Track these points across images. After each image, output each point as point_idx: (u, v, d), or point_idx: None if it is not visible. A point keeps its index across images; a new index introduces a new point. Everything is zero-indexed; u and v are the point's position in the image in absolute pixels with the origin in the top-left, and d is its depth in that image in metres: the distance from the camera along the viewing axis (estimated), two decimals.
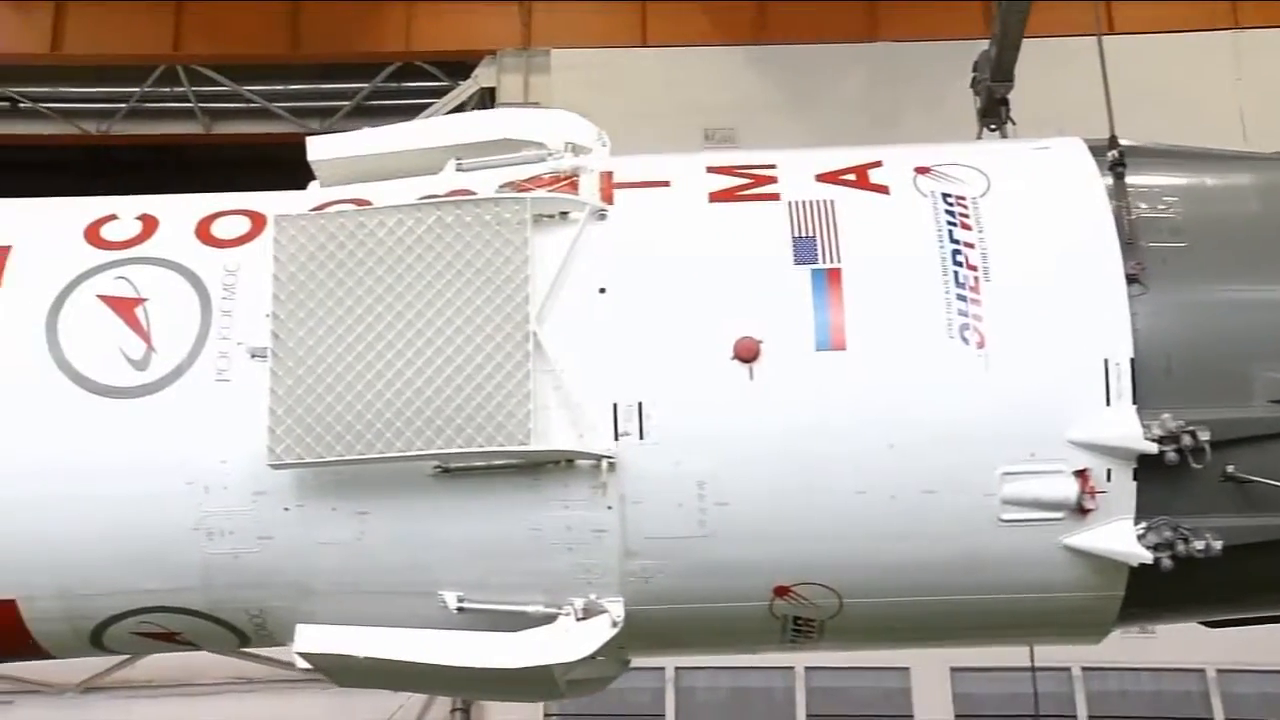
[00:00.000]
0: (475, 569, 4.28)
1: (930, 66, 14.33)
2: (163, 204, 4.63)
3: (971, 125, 13.01)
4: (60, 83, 14.93)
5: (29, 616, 4.34)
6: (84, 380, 4.24)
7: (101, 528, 4.23)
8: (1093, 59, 5.16)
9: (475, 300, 4.17)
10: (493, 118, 4.80)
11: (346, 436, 4.10)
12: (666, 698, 13.11)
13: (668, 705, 13.08)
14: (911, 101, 14.03)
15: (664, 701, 13.08)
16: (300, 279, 4.21)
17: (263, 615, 4.43)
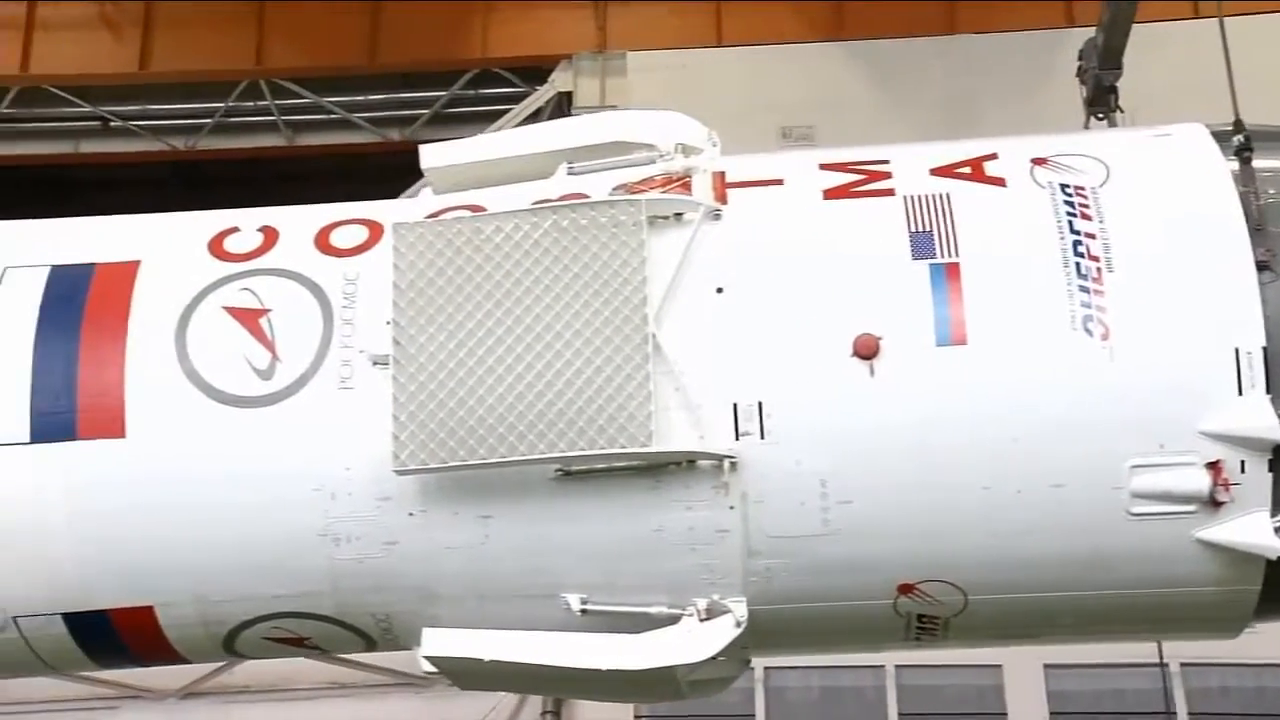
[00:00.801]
0: (598, 571, 4.29)
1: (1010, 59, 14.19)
2: (282, 215, 4.70)
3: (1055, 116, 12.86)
4: (149, 101, 15.19)
5: (166, 622, 4.43)
6: (212, 390, 4.31)
7: (232, 535, 4.30)
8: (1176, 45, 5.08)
9: (593, 303, 4.19)
10: (603, 121, 4.80)
11: (469, 441, 4.13)
12: (756, 698, 13.07)
13: (758, 705, 13.03)
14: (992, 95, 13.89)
15: (754, 701, 13.03)
16: (419, 285, 4.25)
17: (389, 619, 4.47)
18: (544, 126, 4.90)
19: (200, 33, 14.70)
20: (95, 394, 4.29)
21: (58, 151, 15.41)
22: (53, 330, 4.35)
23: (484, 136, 4.93)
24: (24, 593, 4.34)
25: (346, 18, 14.78)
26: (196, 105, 15.29)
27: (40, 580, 4.32)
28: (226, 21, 14.69)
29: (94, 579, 4.33)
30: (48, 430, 4.27)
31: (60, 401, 4.28)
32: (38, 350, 4.32)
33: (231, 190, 12.38)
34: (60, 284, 4.44)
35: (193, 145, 15.47)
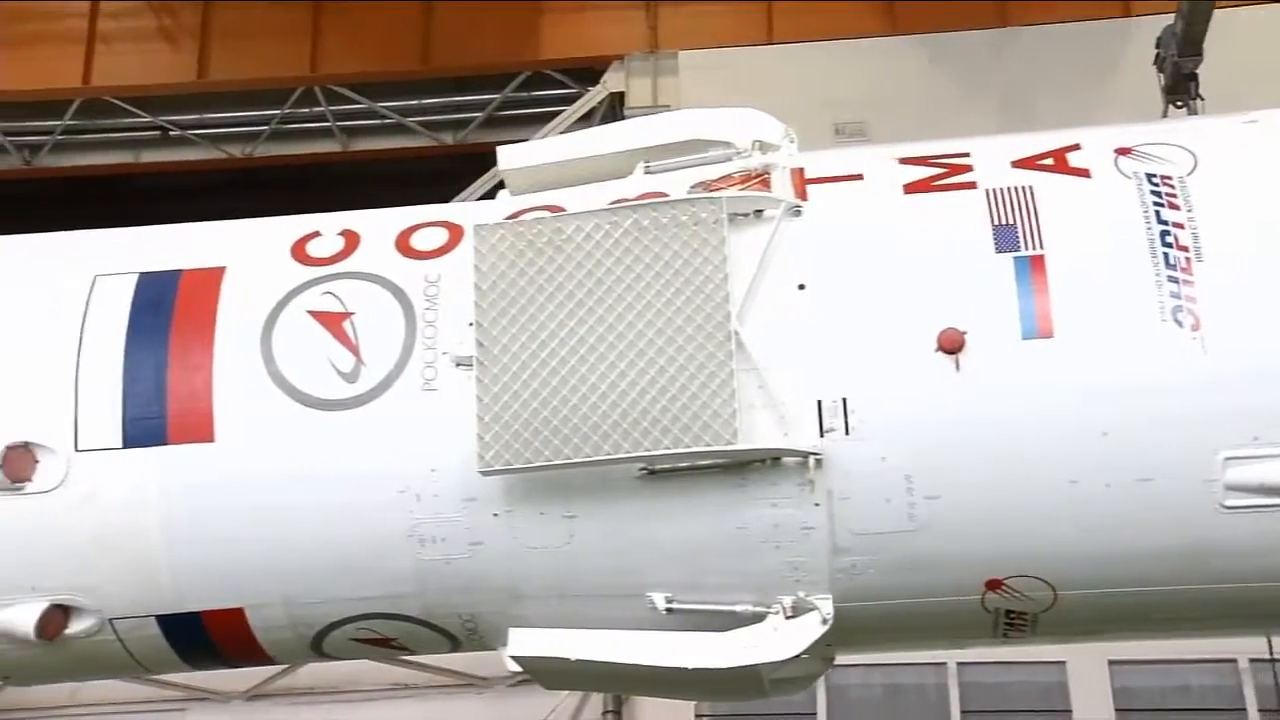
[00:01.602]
0: (683, 569, 4.29)
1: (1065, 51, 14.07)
2: (363, 219, 4.73)
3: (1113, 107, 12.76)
4: (206, 110, 15.35)
5: (256, 624, 4.46)
6: (298, 394, 4.34)
7: (319, 537, 4.33)
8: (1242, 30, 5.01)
9: (675, 301, 4.19)
10: (679, 119, 4.80)
11: (553, 441, 4.14)
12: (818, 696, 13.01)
13: (819, 703, 12.98)
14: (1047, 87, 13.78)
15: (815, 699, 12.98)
16: (501, 286, 4.26)
17: (474, 620, 4.49)
18: (620, 126, 4.90)
19: (256, 42, 14.85)
20: (185, 399, 4.33)
21: (119, 161, 15.61)
22: (142, 337, 4.40)
23: (560, 137, 4.93)
24: (119, 595, 4.39)
25: (399, 23, 14.87)
26: (253, 113, 15.44)
27: (135, 583, 4.37)
28: (281, 30, 14.82)
29: (186, 582, 4.38)
30: (140, 436, 4.32)
31: (151, 407, 4.32)
32: (128, 357, 4.37)
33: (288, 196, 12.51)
34: (148, 291, 4.49)
35: (250, 152, 15.62)
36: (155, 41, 14.88)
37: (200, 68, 14.80)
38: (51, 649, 4.44)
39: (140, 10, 14.91)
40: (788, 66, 14.61)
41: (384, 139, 15.79)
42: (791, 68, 14.60)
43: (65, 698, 13.60)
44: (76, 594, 4.39)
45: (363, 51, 14.91)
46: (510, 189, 4.84)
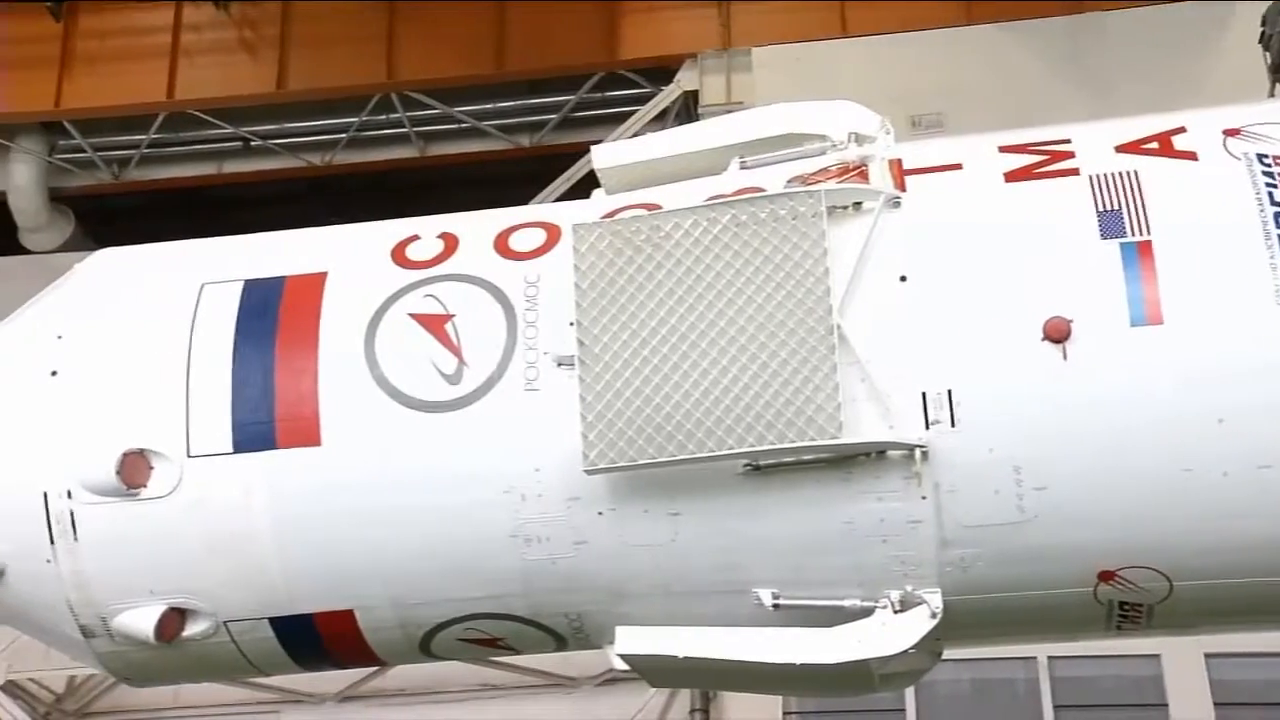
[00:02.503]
0: (789, 565, 4.28)
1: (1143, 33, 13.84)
2: (460, 221, 4.76)
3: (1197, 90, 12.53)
4: (286, 120, 15.55)
5: (365, 625, 4.51)
6: (402, 396, 4.38)
7: (426, 538, 4.37)
8: None
9: (775, 296, 4.17)
10: (774, 113, 4.78)
11: (657, 439, 4.13)
12: (907, 692, 12.91)
13: (908, 700, 12.88)
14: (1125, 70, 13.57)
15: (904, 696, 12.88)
16: (601, 285, 4.27)
17: (580, 619, 4.51)
18: (714, 122, 4.89)
19: (333, 51, 15.02)
20: (291, 404, 4.39)
21: (202, 173, 15.87)
22: (249, 343, 4.46)
23: (654, 135, 4.93)
24: (233, 598, 4.46)
25: (474, 26, 14.96)
26: (331, 121, 15.62)
27: (247, 585, 4.44)
28: (358, 38, 14.98)
29: (297, 584, 4.44)
30: (249, 440, 4.38)
31: (259, 412, 4.38)
32: (236, 363, 4.44)
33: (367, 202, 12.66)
34: (253, 297, 4.55)
35: (329, 160, 15.80)
36: (236, 54, 15.10)
37: (279, 78, 14.99)
38: (169, 651, 4.52)
39: (221, 23, 15.14)
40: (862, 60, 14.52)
41: (461, 143, 15.90)
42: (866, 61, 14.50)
43: (169, 700, 13.87)
44: (192, 597, 4.47)
45: (438, 56, 15.03)
46: (605, 188, 4.85)
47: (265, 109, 15.38)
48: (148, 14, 15.22)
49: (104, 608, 4.47)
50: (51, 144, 15.61)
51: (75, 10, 15.14)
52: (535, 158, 15.94)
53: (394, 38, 15.03)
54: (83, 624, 4.51)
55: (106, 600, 4.46)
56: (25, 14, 14.95)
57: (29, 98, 14.77)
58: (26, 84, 14.76)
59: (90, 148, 15.58)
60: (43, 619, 4.56)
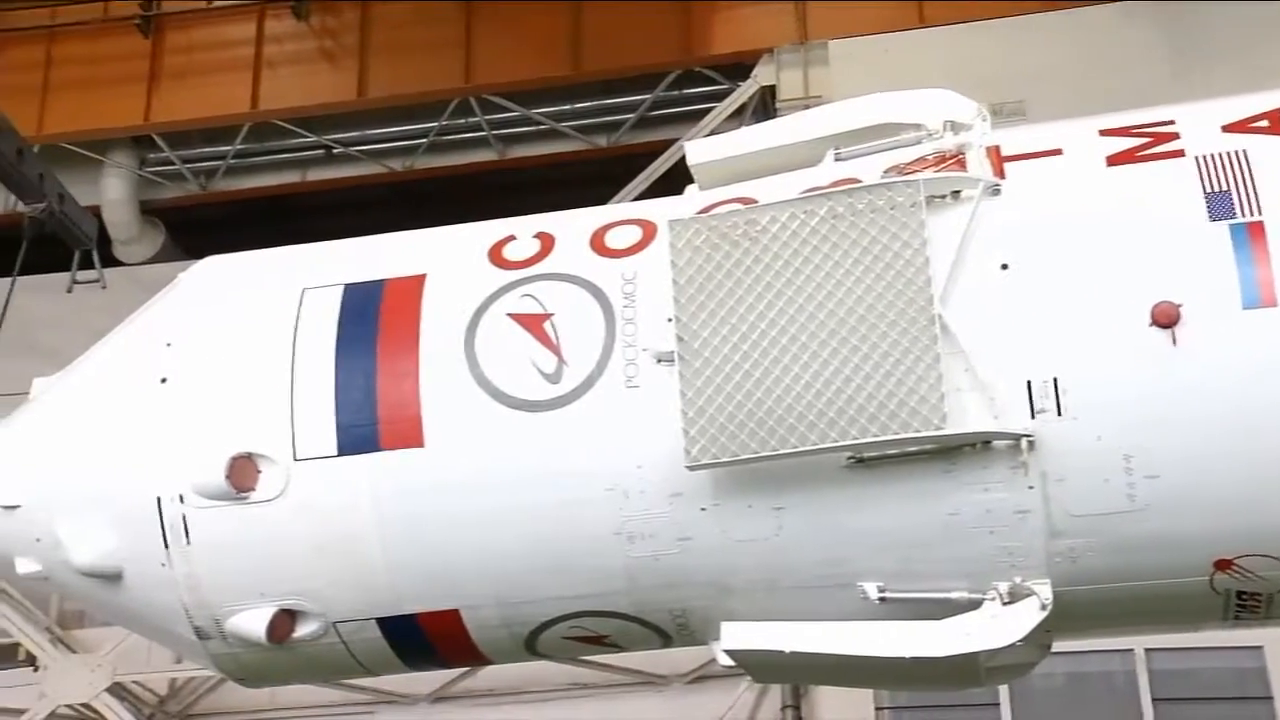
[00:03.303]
0: (894, 558, 4.25)
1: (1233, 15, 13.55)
2: (556, 221, 4.79)
3: None
4: (367, 127, 15.73)
5: (471, 625, 4.55)
6: (503, 396, 4.40)
7: (529, 537, 4.39)
8: None
9: (875, 287, 4.14)
10: (868, 104, 4.75)
11: (759, 433, 4.12)
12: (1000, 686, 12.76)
13: (1002, 693, 12.72)
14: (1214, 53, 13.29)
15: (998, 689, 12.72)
16: (699, 280, 4.26)
17: (685, 615, 4.51)
18: (807, 114, 4.87)
19: (411, 57, 15.15)
20: (394, 406, 4.43)
21: (287, 181, 16.10)
22: (351, 346, 4.51)
23: (747, 129, 4.93)
24: (341, 599, 4.52)
25: (550, 28, 15.02)
26: (411, 127, 15.76)
27: (354, 587, 4.49)
28: (436, 44, 15.09)
29: (403, 584, 4.48)
30: (353, 443, 4.43)
31: (362, 414, 4.43)
32: (339, 366, 4.49)
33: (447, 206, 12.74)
34: (354, 301, 4.60)
35: (410, 165, 15.95)
36: (316, 63, 15.29)
37: (359, 86, 15.14)
38: (281, 652, 4.59)
39: (302, 34, 15.34)
40: (940, 50, 14.37)
41: (539, 145, 15.97)
42: (944, 51, 14.35)
43: (266, 701, 14.08)
44: (301, 598, 4.53)
45: (515, 59, 15.10)
46: (699, 183, 4.84)
47: (346, 116, 15.56)
48: (231, 27, 15.48)
49: (217, 610, 4.55)
50: (142, 158, 15.93)
51: (162, 27, 15.43)
52: (613, 158, 15.98)
53: (471, 42, 15.13)
54: (197, 626, 4.59)
55: (219, 602, 4.53)
56: (115, 33, 15.27)
57: (120, 113, 15.07)
58: (117, 100, 15.06)
59: (179, 160, 15.87)
60: (159, 621, 4.65)
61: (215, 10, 15.48)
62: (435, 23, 15.10)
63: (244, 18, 15.46)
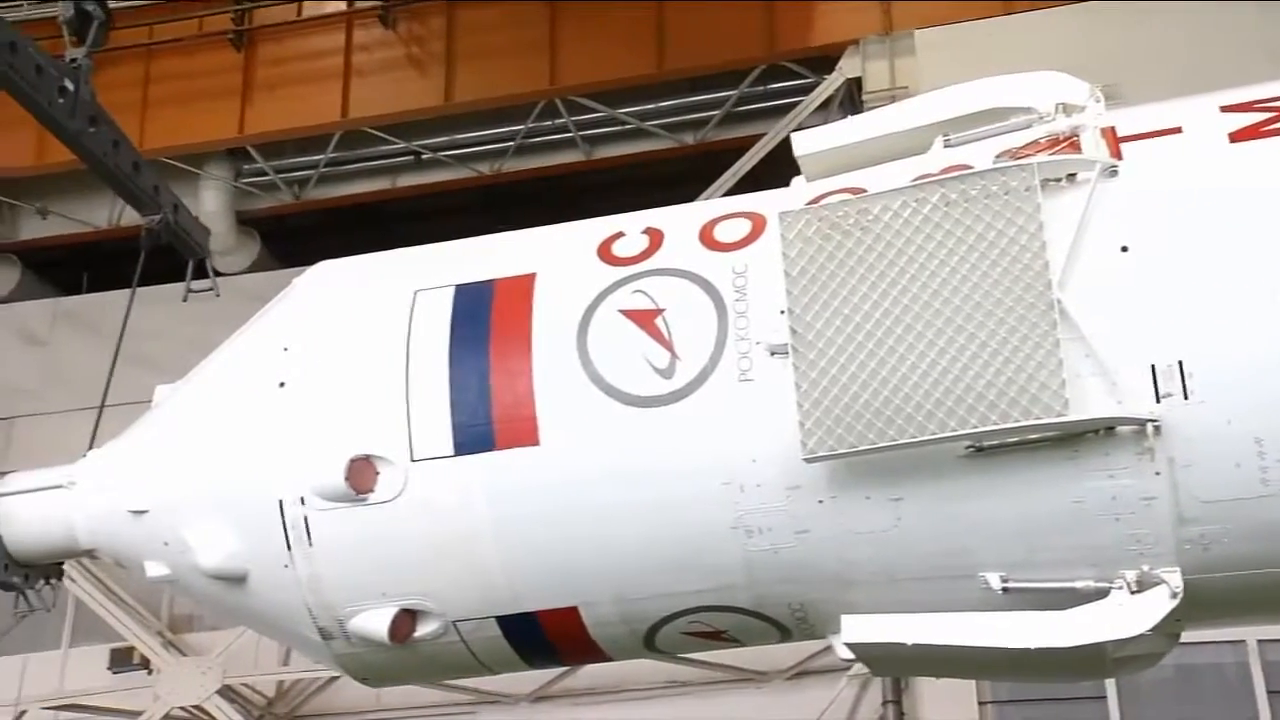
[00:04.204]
0: (1016, 548, 4.18)
1: None
2: (664, 216, 4.78)
3: None
4: (455, 131, 15.87)
5: (590, 622, 4.56)
6: (616, 392, 4.40)
7: (648, 533, 4.39)
8: None
9: (991, 273, 4.08)
10: (976, 89, 4.69)
11: (876, 424, 4.08)
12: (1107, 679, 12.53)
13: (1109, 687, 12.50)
14: None
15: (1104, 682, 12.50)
16: (811, 272, 4.23)
17: (804, 609, 4.48)
18: (914, 101, 4.81)
19: (497, 61, 15.26)
20: (509, 405, 4.45)
21: (378, 188, 16.29)
22: (464, 347, 4.54)
23: (854, 118, 4.88)
24: (460, 598, 4.55)
25: (633, 28, 15.04)
26: (499, 130, 15.88)
27: (473, 586, 4.52)
28: (521, 47, 15.18)
29: (522, 583, 4.50)
30: (469, 443, 4.45)
31: (477, 414, 4.46)
32: (452, 367, 4.52)
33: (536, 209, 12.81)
34: (465, 301, 4.63)
35: (498, 169, 16.07)
36: (404, 70, 15.46)
37: (447, 91, 15.29)
38: (402, 652, 4.63)
39: (389, 42, 15.52)
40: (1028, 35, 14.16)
41: (626, 144, 16.01)
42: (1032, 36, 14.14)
43: (370, 702, 14.27)
44: (422, 598, 4.57)
45: (600, 59, 15.14)
46: (806, 174, 4.81)
47: (434, 122, 15.72)
48: (320, 38, 15.70)
49: (340, 610, 4.60)
50: (237, 169, 16.23)
51: (254, 40, 15.70)
52: (699, 155, 15.96)
53: (556, 44, 15.21)
54: (321, 626, 4.65)
55: (342, 603, 4.59)
56: (209, 48, 15.58)
57: (215, 126, 15.37)
58: (212, 113, 15.36)
59: (272, 170, 16.14)
60: (284, 622, 4.71)
61: (305, 22, 15.72)
62: (520, 26, 15.19)
63: (333, 28, 15.68)
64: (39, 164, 15.02)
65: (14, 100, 6.98)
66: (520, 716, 14.61)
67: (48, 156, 14.98)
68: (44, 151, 14.90)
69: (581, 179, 16.24)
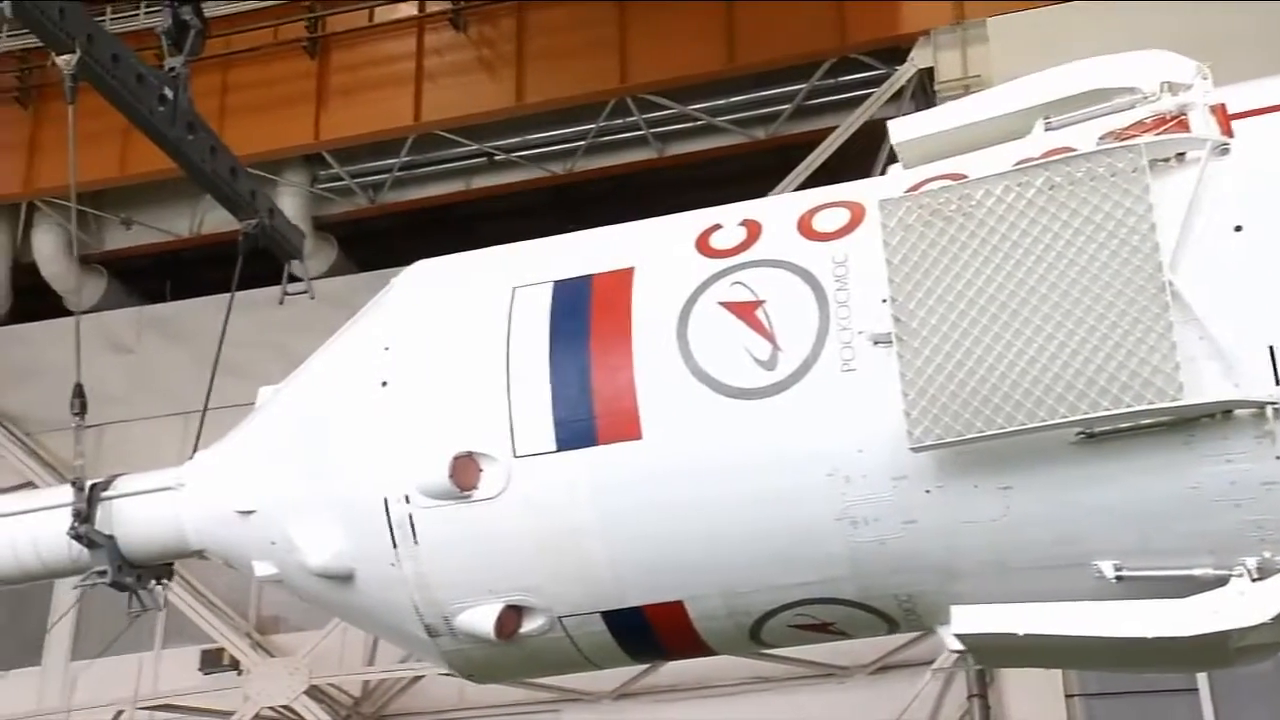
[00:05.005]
0: (1130, 535, 4.11)
1: None
2: (760, 207, 4.76)
3: None
4: (527, 132, 15.92)
5: (695, 616, 4.54)
6: (718, 385, 4.39)
7: (752, 526, 4.37)
8: None
9: (1099, 256, 4.01)
10: (1076, 70, 4.62)
11: (985, 411, 4.03)
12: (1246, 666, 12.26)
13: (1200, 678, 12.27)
14: None
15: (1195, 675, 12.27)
16: (913, 259, 4.19)
17: (911, 600, 4.44)
18: (1012, 85, 4.74)
19: (567, 61, 15.29)
20: (610, 399, 4.44)
21: (452, 190, 16.39)
22: (564, 342, 4.55)
23: (951, 104, 4.83)
24: (565, 593, 4.55)
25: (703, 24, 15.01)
26: (570, 130, 15.90)
27: (578, 581, 4.52)
28: (591, 46, 15.20)
29: (626, 577, 4.50)
30: (571, 438, 4.46)
31: (579, 410, 4.46)
32: (553, 362, 4.53)
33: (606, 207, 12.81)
34: (564, 297, 4.64)
35: (570, 168, 16.09)
36: (475, 72, 15.53)
37: (518, 92, 15.34)
38: (508, 648, 4.65)
39: (460, 45, 15.61)
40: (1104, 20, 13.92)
41: (697, 141, 15.96)
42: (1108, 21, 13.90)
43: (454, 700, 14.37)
44: (527, 594, 4.58)
45: (670, 56, 15.12)
46: (903, 161, 4.77)
47: (506, 123, 15.77)
48: (392, 43, 15.83)
49: (446, 607, 4.62)
50: (313, 175, 16.38)
51: (328, 47, 15.86)
52: (771, 150, 15.90)
53: (626, 42, 15.21)
54: (428, 624, 4.67)
55: (448, 600, 4.61)
56: (283, 56, 15.75)
57: (291, 133, 15.53)
58: (288, 120, 15.52)
59: (347, 175, 16.28)
60: (390, 620, 4.75)
61: (377, 27, 15.86)
62: (590, 25, 15.21)
63: (404, 32, 15.80)
64: (122, 175, 15.28)
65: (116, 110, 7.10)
66: (604, 714, 14.63)
67: (130, 168, 15.24)
68: (127, 163, 15.16)
69: (653, 176, 16.22)
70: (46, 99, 16.15)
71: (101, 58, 6.95)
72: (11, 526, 5.41)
